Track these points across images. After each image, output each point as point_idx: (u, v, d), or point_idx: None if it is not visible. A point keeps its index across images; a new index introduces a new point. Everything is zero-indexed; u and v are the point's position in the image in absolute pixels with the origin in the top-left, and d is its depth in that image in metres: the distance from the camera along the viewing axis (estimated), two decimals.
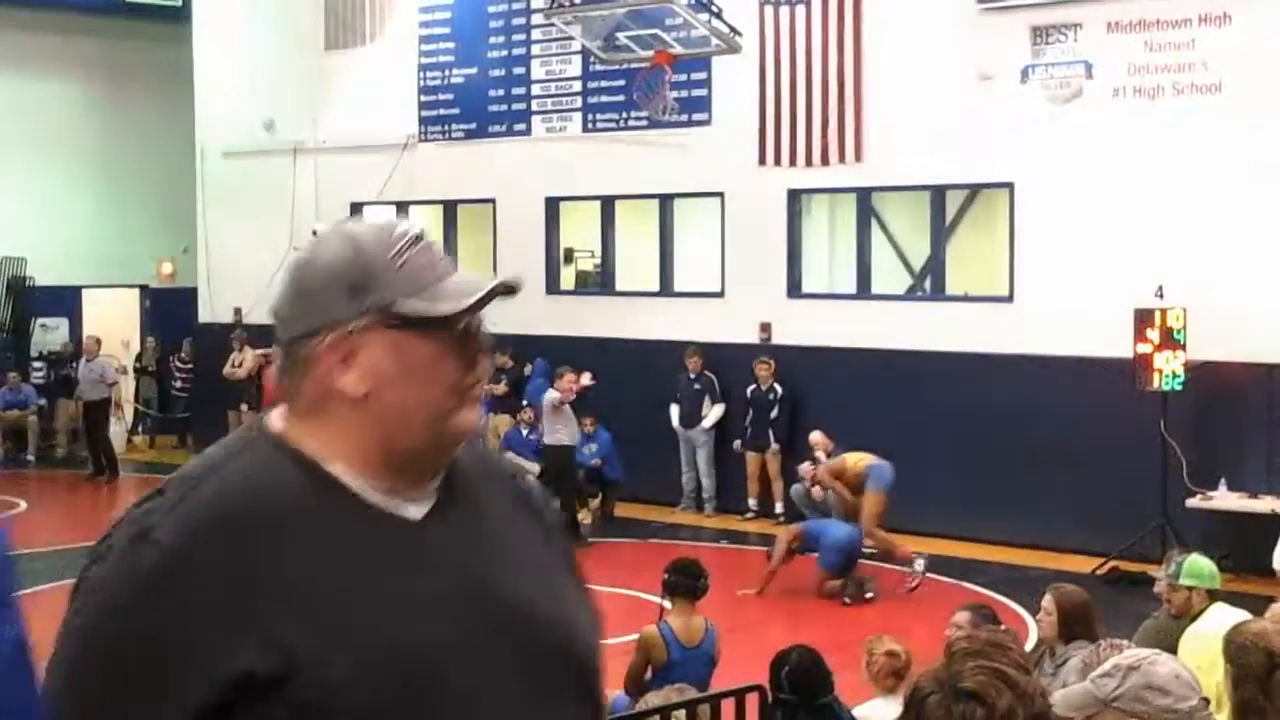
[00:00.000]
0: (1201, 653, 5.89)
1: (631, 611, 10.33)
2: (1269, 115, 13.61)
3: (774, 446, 16.48)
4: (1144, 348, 13.69)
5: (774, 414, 16.51)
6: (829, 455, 14.40)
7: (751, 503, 16.81)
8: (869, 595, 12.90)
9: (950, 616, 7.09)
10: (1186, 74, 14.12)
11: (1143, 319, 13.71)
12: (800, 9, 16.37)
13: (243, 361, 20.88)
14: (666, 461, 17.16)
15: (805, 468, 14.37)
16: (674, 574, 8.55)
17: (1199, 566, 7.28)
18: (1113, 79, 14.50)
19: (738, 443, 16.76)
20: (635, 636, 8.31)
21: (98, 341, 21.08)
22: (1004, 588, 12.75)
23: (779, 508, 16.29)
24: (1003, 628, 6.88)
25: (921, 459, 15.03)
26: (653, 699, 6.67)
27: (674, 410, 17.14)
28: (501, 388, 17.96)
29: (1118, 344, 13.89)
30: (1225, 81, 13.89)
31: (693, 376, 17.02)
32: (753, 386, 16.58)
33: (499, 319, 2.05)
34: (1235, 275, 13.66)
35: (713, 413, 17.03)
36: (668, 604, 8.56)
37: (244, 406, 20.92)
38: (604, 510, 16.69)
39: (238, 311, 21.54)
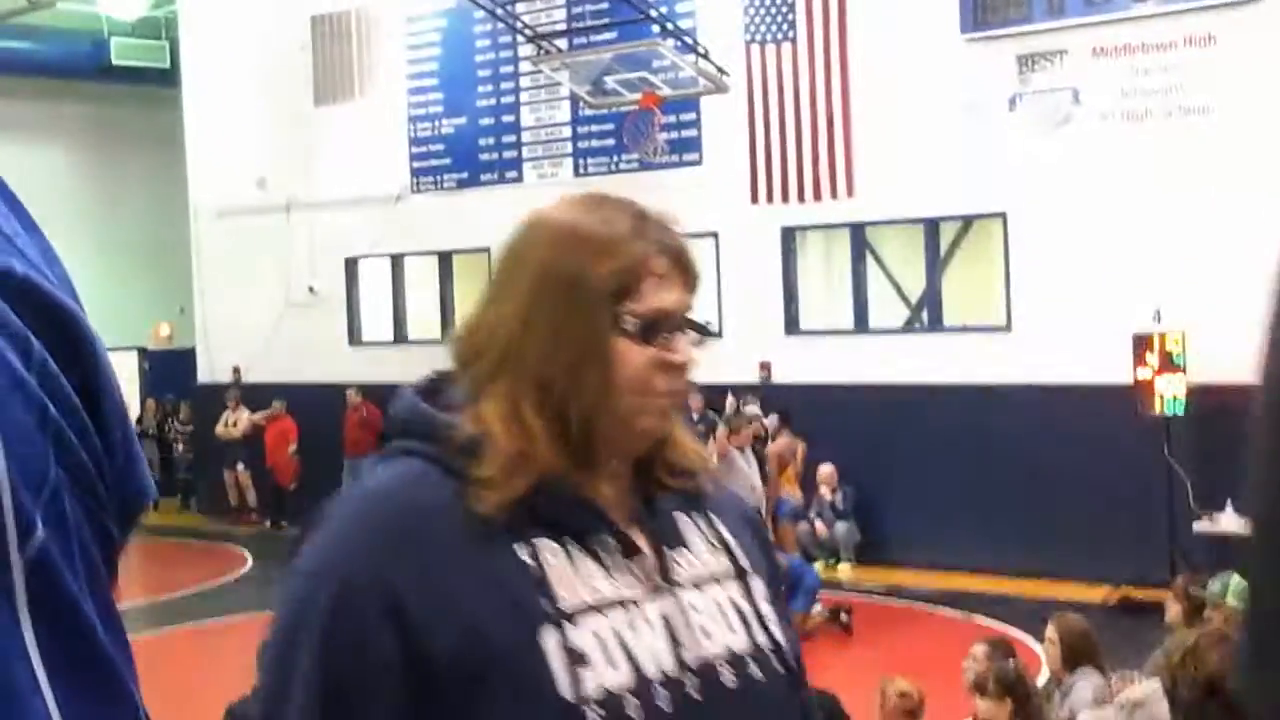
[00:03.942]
0: None
1: None
2: (1258, 134, 13.62)
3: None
4: (1144, 372, 13.66)
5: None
6: (832, 491, 14.37)
7: None
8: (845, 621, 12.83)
9: (966, 652, 7.04)
10: (1174, 96, 14.14)
11: (1141, 344, 13.69)
12: (786, 46, 16.42)
13: (237, 421, 20.84)
14: None
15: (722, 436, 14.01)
16: None
17: (1245, 586, 7.24)
18: (1100, 104, 14.53)
19: None
20: None
21: None
22: (1012, 619, 12.68)
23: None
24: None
25: (924, 492, 14.98)
26: None
27: None
28: None
29: (1117, 370, 13.86)
30: (1212, 102, 13.91)
31: (696, 418, 16.97)
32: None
33: None
34: (1231, 296, 13.63)
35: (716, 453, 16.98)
36: None
37: (240, 466, 20.88)
38: None
39: (236, 370, 21.52)
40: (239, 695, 8.14)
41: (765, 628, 1.84)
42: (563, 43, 17.38)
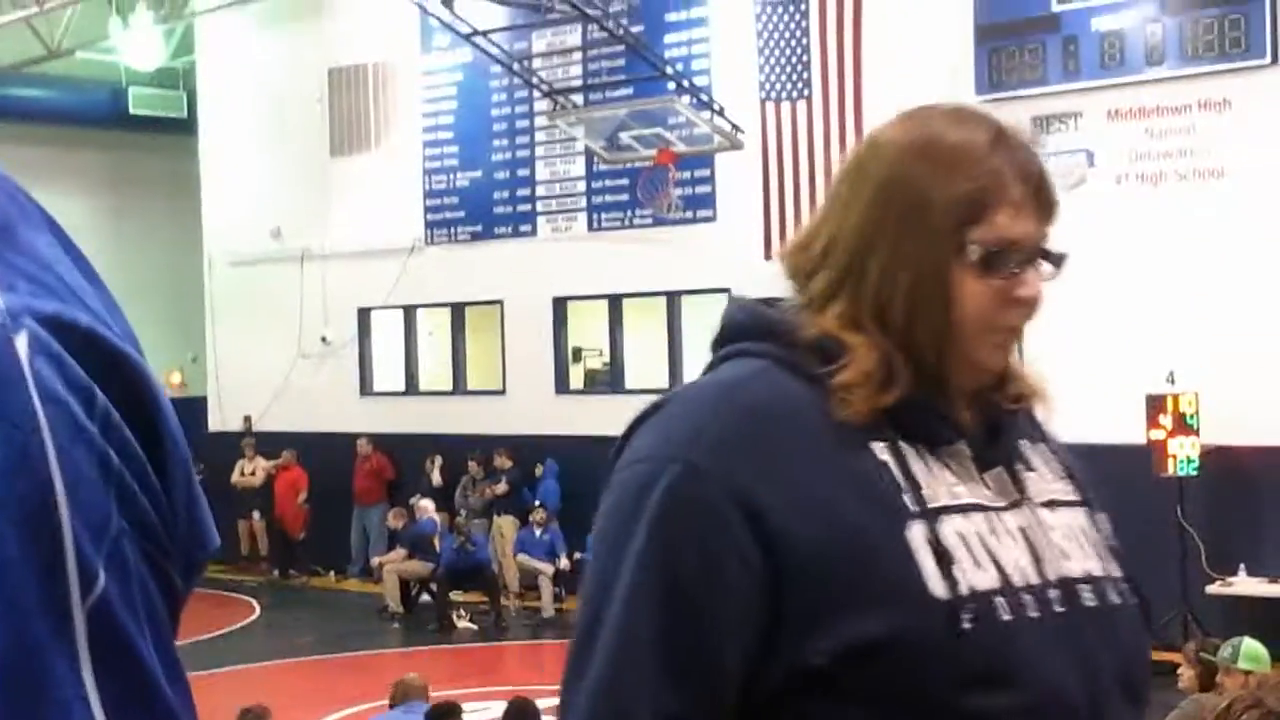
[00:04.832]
0: None
1: None
2: (1272, 197, 13.63)
3: None
4: (1157, 434, 13.62)
5: None
6: None
7: None
8: None
9: None
10: (1189, 159, 14.16)
11: (1155, 405, 13.65)
12: (801, 104, 16.46)
13: (255, 470, 20.82)
14: None
15: None
16: None
17: (1256, 650, 7.21)
18: (1115, 166, 14.55)
19: None
20: None
21: None
22: None
23: None
24: None
25: None
26: None
27: None
28: (502, 487, 17.81)
29: (1130, 430, 13.81)
30: (1227, 165, 13.92)
31: None
32: None
33: (507, 420, 1.97)
34: (1246, 359, 13.61)
35: None
36: None
37: (256, 515, 20.84)
38: None
39: (247, 419, 21.52)
40: None
41: (1114, 559, 1.82)
42: (578, 98, 17.46)
